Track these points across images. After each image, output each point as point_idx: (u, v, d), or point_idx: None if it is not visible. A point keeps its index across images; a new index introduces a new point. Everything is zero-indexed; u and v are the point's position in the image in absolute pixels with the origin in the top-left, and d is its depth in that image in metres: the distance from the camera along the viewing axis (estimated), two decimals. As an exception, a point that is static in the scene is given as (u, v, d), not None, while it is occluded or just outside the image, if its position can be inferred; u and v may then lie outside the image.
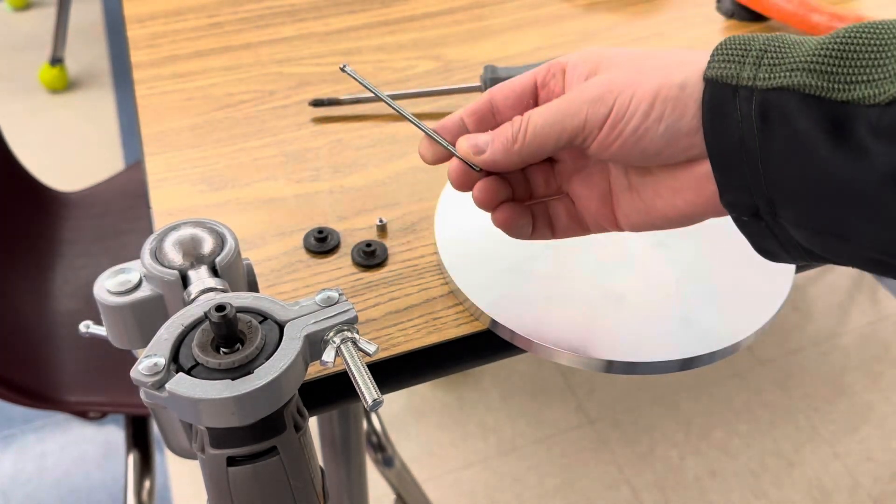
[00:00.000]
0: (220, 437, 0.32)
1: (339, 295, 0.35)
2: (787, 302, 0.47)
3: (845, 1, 0.77)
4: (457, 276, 0.48)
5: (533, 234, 0.43)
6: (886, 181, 0.30)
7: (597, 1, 0.77)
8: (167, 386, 0.31)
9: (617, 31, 0.73)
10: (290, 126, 0.62)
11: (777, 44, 0.33)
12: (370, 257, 0.50)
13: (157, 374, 0.31)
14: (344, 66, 0.43)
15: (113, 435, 1.30)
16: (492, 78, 0.62)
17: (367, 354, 0.34)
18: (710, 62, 0.34)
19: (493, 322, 0.46)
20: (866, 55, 0.31)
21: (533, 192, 0.43)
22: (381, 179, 0.57)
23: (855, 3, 0.77)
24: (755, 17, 0.73)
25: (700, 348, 0.44)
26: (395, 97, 0.63)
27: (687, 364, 0.44)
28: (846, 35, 0.32)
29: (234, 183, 0.57)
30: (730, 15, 0.74)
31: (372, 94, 0.63)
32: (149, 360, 0.31)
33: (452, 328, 0.47)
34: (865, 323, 1.49)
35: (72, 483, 1.23)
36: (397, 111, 0.42)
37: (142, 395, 0.32)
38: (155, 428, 0.89)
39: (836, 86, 0.31)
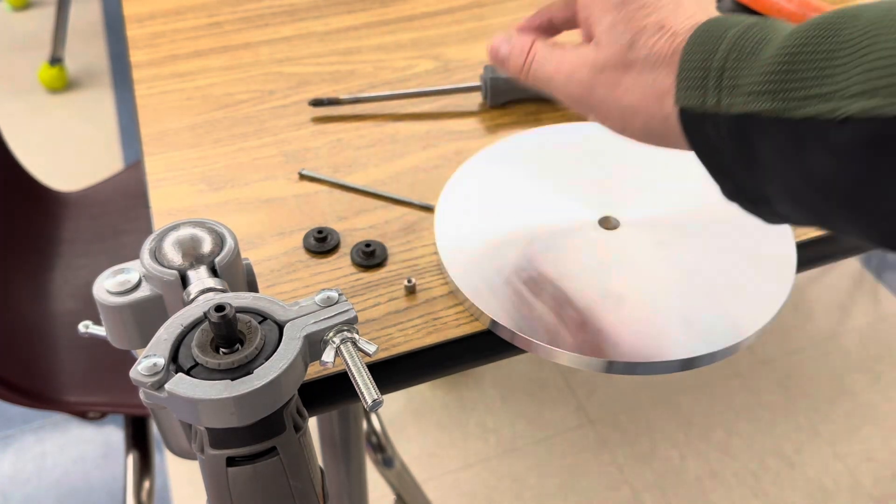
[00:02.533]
0: (219, 438, 0.32)
1: (339, 295, 0.35)
2: (787, 302, 0.47)
3: (846, 0, 0.77)
4: (457, 276, 0.48)
5: None
6: (856, 188, 0.30)
7: (597, 0, 0.77)
8: (166, 386, 0.31)
9: (617, 30, 0.73)
10: (289, 126, 0.62)
11: (735, 55, 0.34)
12: (370, 257, 0.50)
13: (156, 374, 0.31)
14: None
15: (112, 435, 1.30)
16: (492, 77, 0.62)
17: (367, 354, 0.34)
18: (677, 87, 0.36)
19: (493, 322, 0.46)
20: (817, 64, 0.31)
21: None
22: (381, 179, 0.57)
23: (855, 3, 0.77)
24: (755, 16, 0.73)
25: (700, 348, 0.44)
26: (394, 97, 0.63)
27: (687, 364, 0.44)
28: (798, 40, 0.32)
29: (233, 183, 0.57)
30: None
31: (372, 95, 0.64)
32: (148, 360, 0.31)
33: (452, 328, 0.47)
34: (866, 323, 1.49)
35: (71, 483, 1.23)
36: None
37: (141, 396, 0.32)
38: (154, 428, 0.89)
39: (791, 104, 0.31)
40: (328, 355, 0.34)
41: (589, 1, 0.41)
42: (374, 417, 0.98)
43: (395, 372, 0.46)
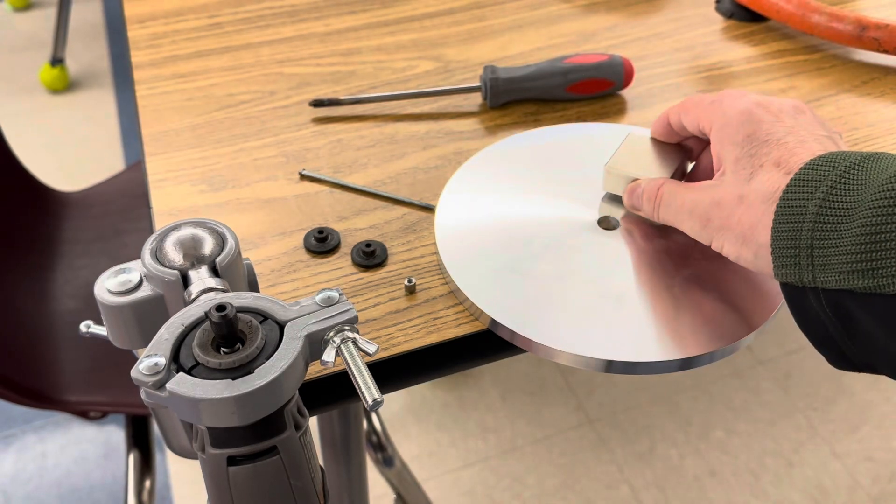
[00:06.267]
0: (220, 437, 0.32)
1: (340, 295, 0.35)
2: (786, 302, 0.47)
3: (845, 1, 0.77)
4: (457, 276, 0.48)
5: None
6: None
7: (596, 1, 0.77)
8: (167, 386, 0.31)
9: (617, 31, 0.73)
10: (290, 126, 0.62)
11: (821, 231, 0.36)
12: (370, 257, 0.50)
13: (157, 373, 0.31)
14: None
15: (113, 435, 1.30)
16: (491, 78, 0.62)
17: (368, 354, 0.34)
18: (774, 264, 0.38)
19: (493, 322, 0.46)
20: None
21: None
22: (381, 179, 0.57)
23: (855, 3, 0.77)
24: (754, 17, 0.73)
25: (700, 348, 0.44)
26: (394, 97, 0.63)
27: (686, 364, 0.44)
28: (879, 214, 0.33)
29: (234, 183, 0.57)
30: (729, 15, 0.74)
31: (372, 96, 0.64)
32: (149, 359, 0.31)
33: (452, 328, 0.47)
34: (865, 323, 1.49)
35: (72, 483, 1.23)
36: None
37: (142, 395, 0.32)
38: (155, 428, 0.89)
39: (884, 281, 0.33)
40: (329, 355, 0.34)
41: (720, 135, 0.43)
42: (374, 417, 0.98)
43: (395, 371, 0.46)
